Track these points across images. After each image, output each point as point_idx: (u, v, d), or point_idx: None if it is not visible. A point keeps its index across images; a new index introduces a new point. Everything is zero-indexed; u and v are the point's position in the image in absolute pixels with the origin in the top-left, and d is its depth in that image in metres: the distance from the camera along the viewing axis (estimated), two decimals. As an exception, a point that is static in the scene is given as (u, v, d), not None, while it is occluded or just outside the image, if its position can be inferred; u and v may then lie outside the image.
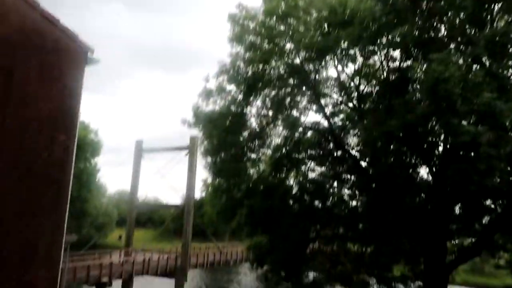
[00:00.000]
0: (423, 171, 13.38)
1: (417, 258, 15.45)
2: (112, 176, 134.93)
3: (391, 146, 12.87)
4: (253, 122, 19.20)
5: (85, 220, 45.72)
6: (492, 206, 12.70)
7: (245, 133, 18.98)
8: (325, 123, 17.13)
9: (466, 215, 13.10)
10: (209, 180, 23.11)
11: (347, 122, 15.57)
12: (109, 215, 53.80)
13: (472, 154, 10.36)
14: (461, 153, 10.82)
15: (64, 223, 7.66)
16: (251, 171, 20.14)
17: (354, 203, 15.88)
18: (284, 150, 18.69)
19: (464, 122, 10.34)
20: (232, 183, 19.13)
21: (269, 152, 20.11)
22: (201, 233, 53.68)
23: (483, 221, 13.85)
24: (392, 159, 12.91)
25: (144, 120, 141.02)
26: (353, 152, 16.09)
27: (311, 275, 18.88)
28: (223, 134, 17.78)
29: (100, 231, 50.44)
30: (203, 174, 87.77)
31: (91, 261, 32.50)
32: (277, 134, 19.76)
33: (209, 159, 19.63)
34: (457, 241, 15.29)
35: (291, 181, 19.79)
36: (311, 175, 18.50)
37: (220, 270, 47.93)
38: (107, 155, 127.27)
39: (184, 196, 39.53)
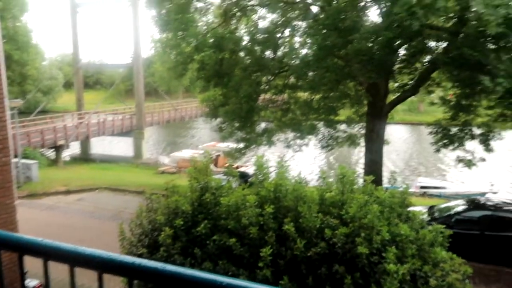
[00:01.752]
0: (374, 13, 13.37)
1: (361, 101, 16.54)
2: (51, 39, 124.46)
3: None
4: (198, -34, 17.38)
5: (28, 85, 43.44)
6: (435, 46, 13.30)
7: (190, -21, 17.33)
8: (276, -36, 15.81)
9: (410, 54, 13.70)
10: (157, 36, 21.73)
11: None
12: (55, 78, 51.24)
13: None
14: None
15: (1, 85, 7.19)
16: (200, 23, 19.09)
17: (304, 51, 15.93)
18: (233, -2, 17.56)
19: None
20: (180, 36, 18.21)
21: (217, 0, 18.86)
22: (153, 92, 53.26)
23: (425, 61, 14.70)
24: (343, 2, 12.61)
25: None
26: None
27: (263, 124, 19.89)
28: (165, -19, 16.15)
29: (47, 95, 48.62)
30: (150, 30, 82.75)
31: (44, 125, 32.22)
32: (225, -20, 18.25)
33: (153, 11, 18.19)
34: (398, 82, 16.34)
35: (242, 32, 19.21)
36: (262, 24, 17.93)
37: (176, 126, 49.45)
38: (39, 15, 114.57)
39: (132, 55, 37.71)
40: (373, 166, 15.33)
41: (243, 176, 10.02)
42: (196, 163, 7.31)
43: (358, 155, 32.68)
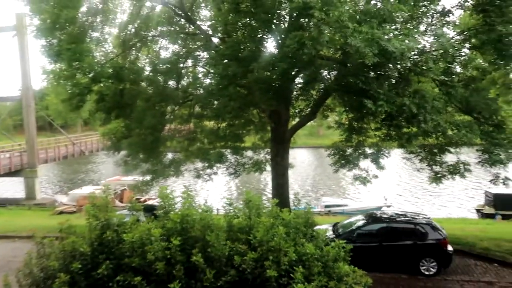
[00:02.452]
0: (271, 45, 14.19)
1: (264, 127, 17.17)
2: None
3: (241, 20, 13.02)
4: (92, -6, 16.74)
5: None
6: (326, 74, 14.52)
7: (84, 8, 16.60)
8: (174, -5, 16.00)
9: (305, 83, 14.72)
10: (49, 66, 20.22)
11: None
12: None
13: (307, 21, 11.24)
14: (300, 21, 11.60)
15: None
16: (97, 53, 18.27)
17: (208, 80, 16.14)
18: (132, 28, 17.22)
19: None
20: (75, 67, 17.16)
21: (115, 31, 18.30)
22: (48, 126, 49.21)
23: (319, 88, 15.92)
24: (242, 34, 13.18)
25: None
26: (205, 27, 15.81)
27: (170, 155, 19.45)
28: (56, 9, 15.22)
29: None
30: (41, 59, 76.83)
31: None
32: (123, 10, 17.89)
33: (43, 40, 16.92)
34: (297, 108, 17.39)
35: (143, 62, 18.83)
36: (164, 54, 17.82)
37: (75, 161, 46.04)
38: None
39: (21, 87, 34.53)
40: (280, 189, 15.85)
41: (151, 209, 9.56)
42: (95, 199, 6.79)
43: (260, 179, 33.84)
